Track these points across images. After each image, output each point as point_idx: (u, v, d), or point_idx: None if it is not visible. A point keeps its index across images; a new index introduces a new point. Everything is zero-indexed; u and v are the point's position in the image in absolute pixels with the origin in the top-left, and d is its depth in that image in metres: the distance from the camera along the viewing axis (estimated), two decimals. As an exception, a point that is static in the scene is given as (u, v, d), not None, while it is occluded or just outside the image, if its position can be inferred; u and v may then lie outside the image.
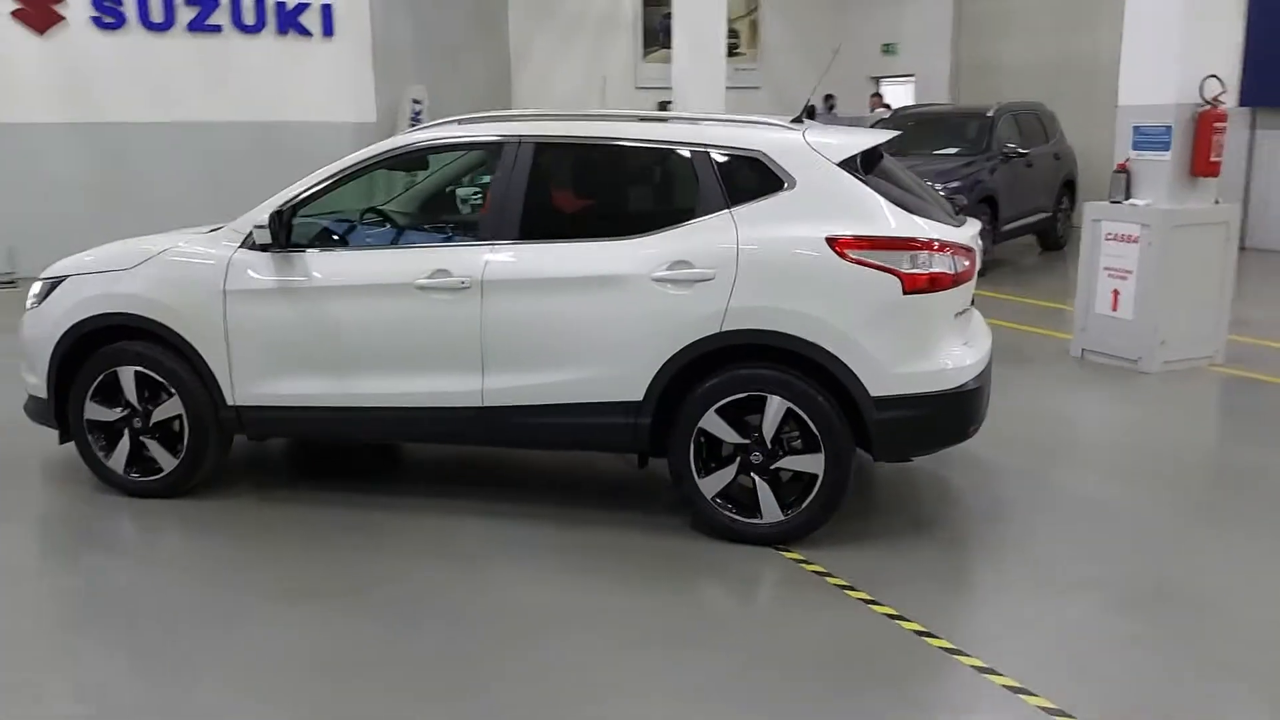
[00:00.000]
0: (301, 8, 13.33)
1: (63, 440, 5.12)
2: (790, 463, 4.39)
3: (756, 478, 4.42)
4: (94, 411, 5.01)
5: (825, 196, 4.39)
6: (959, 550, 4.54)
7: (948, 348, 4.37)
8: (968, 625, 3.88)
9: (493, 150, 4.74)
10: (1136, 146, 7.41)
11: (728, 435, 4.40)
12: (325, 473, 5.55)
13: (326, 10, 13.45)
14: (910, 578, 4.21)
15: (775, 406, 4.34)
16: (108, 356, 4.95)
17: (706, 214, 4.43)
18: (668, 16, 18.30)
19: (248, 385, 4.82)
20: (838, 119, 16.86)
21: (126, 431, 5.00)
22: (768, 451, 4.39)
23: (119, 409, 4.99)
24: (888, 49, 19.30)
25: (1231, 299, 7.61)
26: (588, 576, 4.26)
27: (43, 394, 5.05)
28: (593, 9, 18.29)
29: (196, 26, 12.90)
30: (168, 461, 4.99)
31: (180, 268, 4.85)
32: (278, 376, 4.80)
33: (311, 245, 4.83)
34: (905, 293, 4.23)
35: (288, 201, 4.78)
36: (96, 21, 12.48)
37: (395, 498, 5.05)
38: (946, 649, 3.63)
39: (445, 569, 4.32)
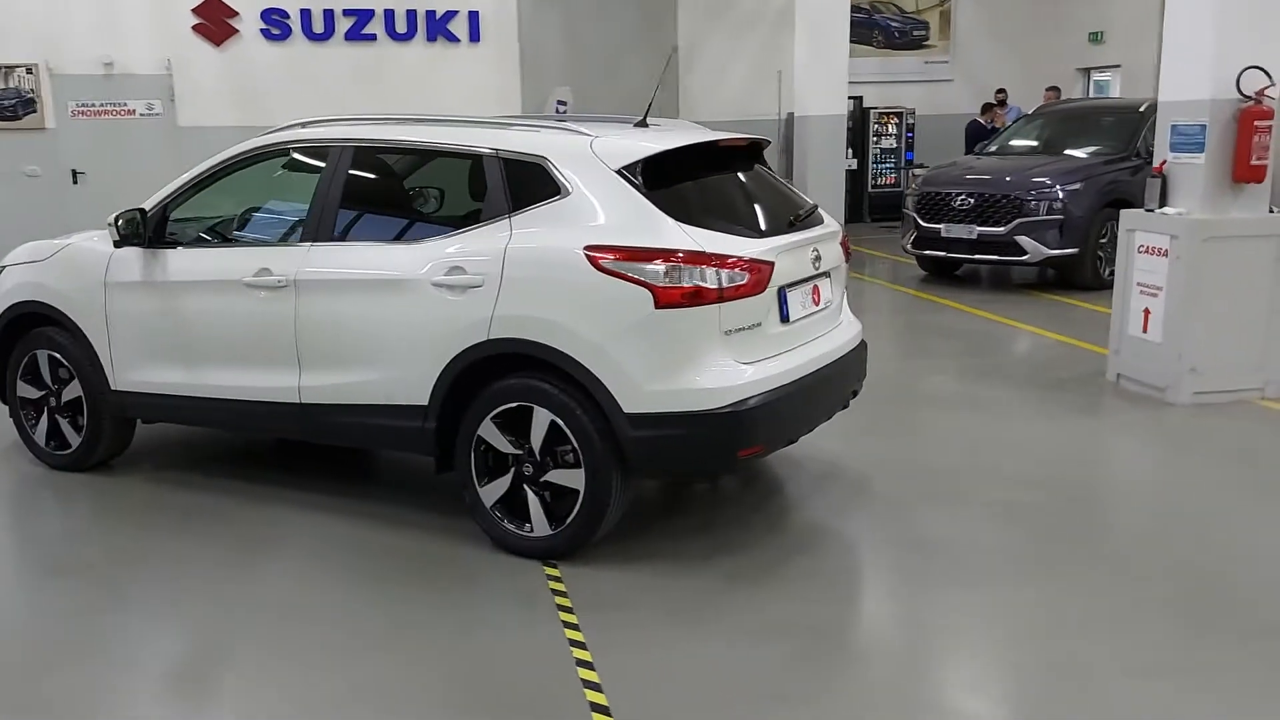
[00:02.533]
0: (450, 15, 14.03)
1: (12, 414, 5.75)
2: (556, 476, 4.28)
3: (528, 490, 4.33)
4: (23, 390, 5.61)
5: (597, 204, 4.23)
6: (724, 583, 4.22)
7: (712, 366, 4.09)
8: (635, 663, 3.62)
9: (323, 153, 4.88)
10: (1174, 148, 6.54)
11: (503, 445, 4.35)
12: (247, 461, 5.85)
13: (474, 17, 14.09)
14: (646, 605, 4.00)
15: (541, 418, 4.24)
16: (31, 340, 5.52)
17: (490, 219, 4.39)
18: (852, 10, 17.89)
19: (123, 371, 5.25)
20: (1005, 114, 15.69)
21: (46, 409, 5.55)
22: (537, 464, 4.30)
23: (40, 389, 5.54)
24: (1095, 38, 17.76)
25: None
26: (351, 574, 4.35)
27: None
28: (769, 5, 17.98)
29: (353, 36, 13.87)
30: (74, 439, 5.51)
31: (76, 261, 5.34)
32: (145, 365, 5.19)
33: (181, 244, 5.16)
34: (658, 307, 4.01)
35: (159, 203, 5.15)
36: (265, 34, 13.68)
37: (275, 488, 5.27)
38: (590, 683, 3.44)
39: (235, 556, 4.54)
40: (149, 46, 13.42)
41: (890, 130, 17.88)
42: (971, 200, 10.72)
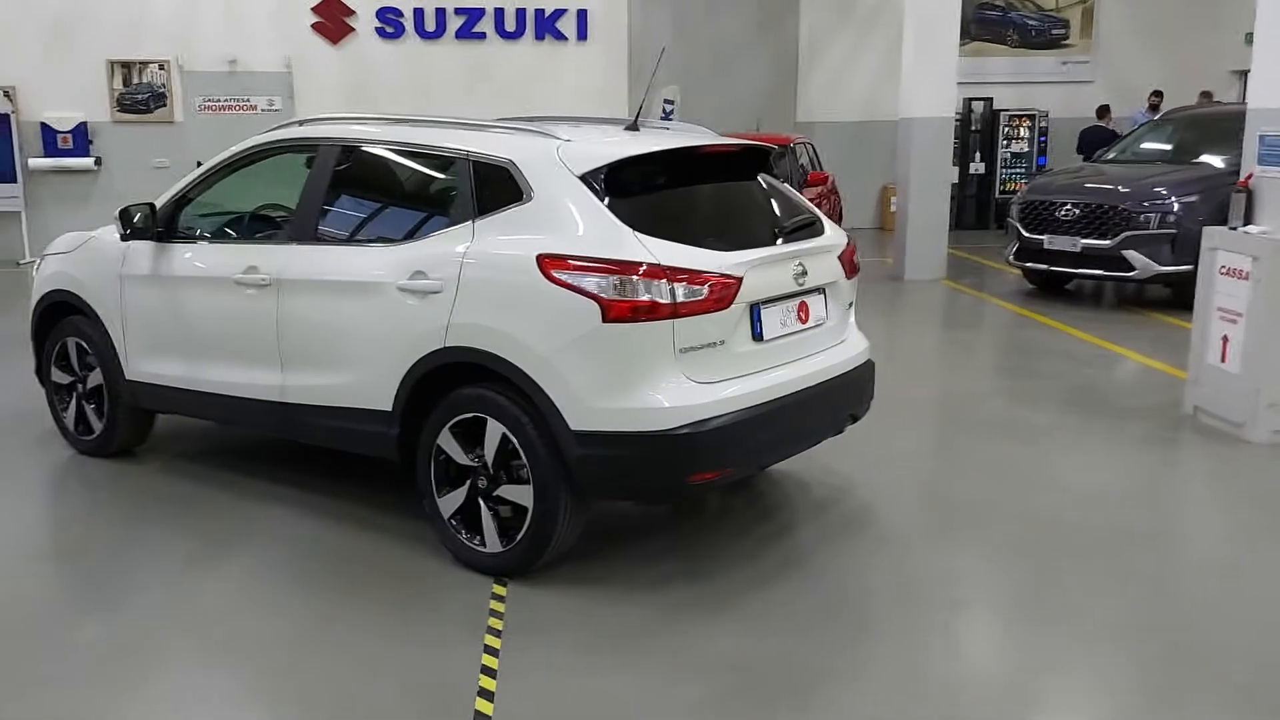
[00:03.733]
0: (558, 14, 14.06)
1: (48, 399, 5.98)
2: (507, 492, 4.14)
3: (482, 503, 4.21)
4: (56, 375, 5.82)
5: (555, 211, 4.07)
6: (673, 613, 3.99)
7: (663, 385, 3.87)
8: (536, 694, 3.43)
9: (314, 152, 4.87)
10: (1262, 160, 5.93)
11: (459, 456, 4.24)
12: (258, 454, 5.91)
13: (582, 16, 14.08)
14: (580, 631, 3.82)
15: (493, 431, 4.11)
16: (62, 329, 5.73)
17: (457, 224, 4.28)
18: (981, 6, 17.11)
19: (134, 362, 5.38)
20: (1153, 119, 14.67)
21: (74, 395, 5.75)
22: (490, 477, 4.17)
23: (69, 376, 5.75)
24: (1251, 39, 16.45)
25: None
26: (302, 575, 4.32)
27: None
28: (894, 1, 17.34)
29: (464, 34, 14.06)
30: (97, 425, 5.68)
31: (97, 253, 5.49)
32: (152, 356, 5.30)
33: (188, 239, 5.25)
34: (606, 320, 3.82)
35: (171, 197, 5.25)
36: (380, 32, 14.01)
37: (270, 484, 5.31)
38: (480, 714, 3.28)
39: (202, 549, 4.58)
40: (271, 45, 13.92)
41: (1021, 133, 17.05)
42: (1077, 210, 10.06)
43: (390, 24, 14.02)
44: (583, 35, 14.23)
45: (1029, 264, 10.65)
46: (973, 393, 7.26)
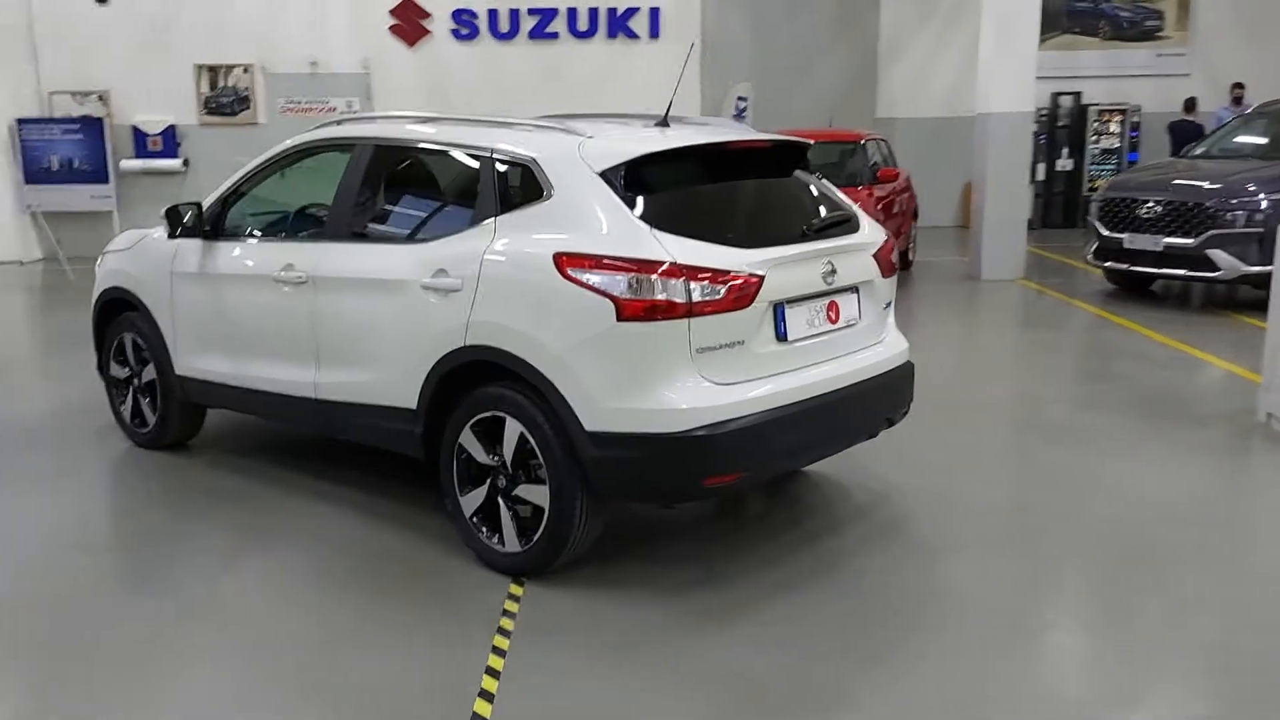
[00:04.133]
0: (630, 12, 14.05)
1: (108, 392, 6.16)
2: (525, 492, 4.12)
3: (501, 503, 4.19)
4: (114, 369, 5.99)
5: (575, 208, 4.03)
6: (688, 619, 3.90)
7: (679, 386, 3.80)
8: (536, 698, 3.39)
9: (350, 150, 4.91)
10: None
11: (480, 455, 4.23)
12: (305, 449, 5.99)
13: (654, 14, 14.05)
14: (589, 635, 3.77)
15: (512, 430, 4.09)
16: (120, 324, 5.89)
17: (479, 222, 4.27)
18: (1072, -2, 16.56)
19: (183, 357, 5.50)
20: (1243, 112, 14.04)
21: (131, 389, 5.91)
22: (510, 477, 4.15)
23: (126, 370, 5.91)
24: (1361, 26, 15.66)
25: None
26: (326, 571, 4.34)
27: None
28: (980, -5, 16.93)
29: (537, 35, 14.15)
30: (151, 419, 5.83)
31: (151, 251, 5.63)
32: (199, 352, 5.42)
33: (237, 236, 5.34)
34: (620, 319, 3.77)
35: (219, 196, 5.36)
36: (455, 34, 14.18)
37: (312, 479, 5.38)
38: (478, 716, 3.26)
39: (232, 542, 4.66)
40: (350, 47, 14.19)
41: (1112, 129, 16.49)
42: (1159, 208, 9.66)
43: (465, 25, 14.16)
44: (655, 33, 14.18)
45: (1108, 264, 10.27)
46: (1037, 396, 7.01)
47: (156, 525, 4.92)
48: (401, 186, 4.94)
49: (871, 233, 4.62)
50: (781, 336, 4.07)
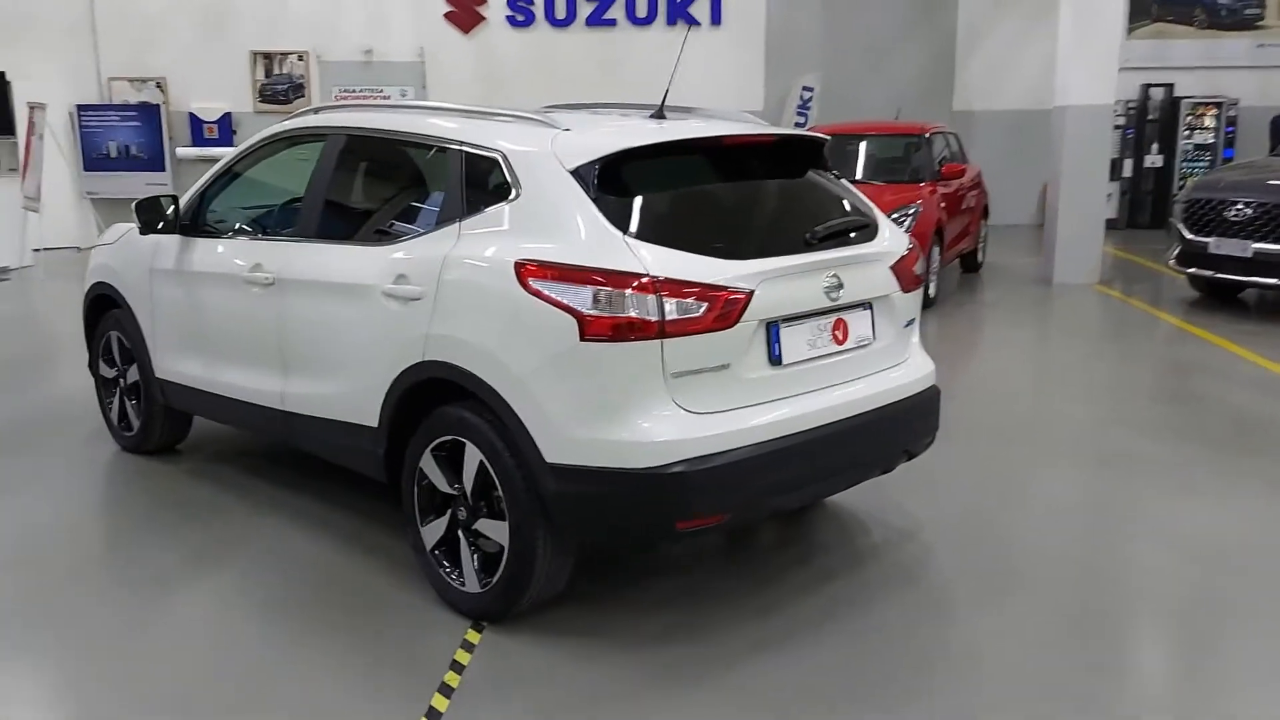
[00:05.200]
0: (691, -1, 13.51)
1: (97, 392, 5.90)
2: (484, 526, 3.68)
3: (462, 537, 3.77)
4: (103, 369, 5.72)
5: (543, 210, 3.58)
6: (652, 676, 3.42)
7: (650, 415, 3.32)
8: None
9: (319, 141, 4.53)
10: None
11: (440, 483, 3.81)
12: (291, 460, 5.63)
13: (716, 0, 13.48)
14: (539, 693, 3.32)
15: (471, 457, 3.66)
16: (107, 322, 5.61)
17: (445, 223, 3.84)
18: (1166, -15, 15.55)
19: (161, 359, 5.19)
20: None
21: (118, 390, 5.63)
22: (470, 508, 3.72)
23: (114, 370, 5.63)
24: None
25: None
26: (275, 598, 3.97)
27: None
28: (1065, -18, 16.02)
29: (594, 21, 13.72)
30: (136, 422, 5.54)
31: (132, 245, 5.32)
32: (175, 354, 5.10)
33: (216, 232, 5.00)
34: (583, 338, 3.31)
35: (197, 189, 5.03)
36: (510, 20, 13.82)
37: (292, 492, 5.04)
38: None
39: (189, 559, 4.32)
40: (405, 35, 13.93)
41: (1206, 123, 15.46)
42: (1249, 210, 8.85)
43: (521, 12, 13.80)
44: (716, 20, 13.65)
45: (1191, 270, 9.48)
46: (1095, 419, 6.35)
47: (111, 541, 4.63)
48: (370, 181, 4.54)
49: (892, 241, 4.07)
50: (775, 359, 3.56)
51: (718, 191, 3.89)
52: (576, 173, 3.54)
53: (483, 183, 3.77)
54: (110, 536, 4.65)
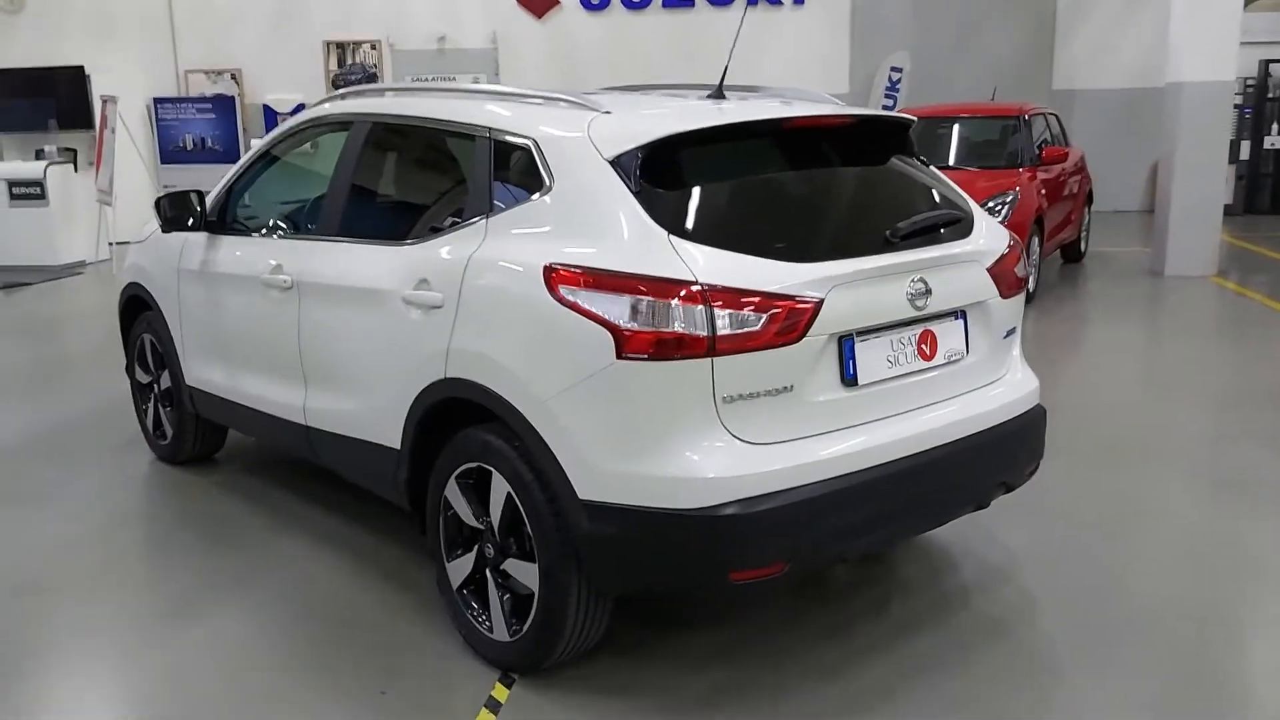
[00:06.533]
0: (773, -24, 12.91)
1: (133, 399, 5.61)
2: (512, 567, 3.22)
3: (490, 577, 3.32)
4: (138, 374, 5.42)
5: (578, 205, 3.10)
6: None
7: (697, 446, 2.82)
8: None
9: (344, 130, 4.11)
10: None
11: (466, 515, 3.36)
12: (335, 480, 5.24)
13: (798, -23, 12.87)
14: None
15: (499, 488, 3.20)
16: (140, 324, 5.31)
17: (471, 219, 3.39)
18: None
19: (190, 365, 4.86)
20: None
21: (152, 396, 5.32)
22: (497, 546, 3.27)
23: (148, 375, 5.32)
24: None
25: None
26: (280, 645, 3.58)
27: None
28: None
29: (671, 3, 13.24)
30: (170, 430, 5.23)
31: (161, 243, 4.97)
32: (203, 360, 4.76)
33: (243, 230, 4.63)
34: (620, 356, 2.82)
35: (225, 184, 4.67)
36: (585, 3, 13.41)
37: (323, 510, 4.67)
38: None
39: (204, 587, 3.95)
40: (477, 20, 13.59)
41: (1338, 101, 14.30)
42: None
43: (596, -6, 13.34)
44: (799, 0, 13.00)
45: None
46: (1216, 433, 5.65)
47: (119, 564, 4.26)
48: (393, 173, 4.12)
49: (990, 239, 3.49)
50: (849, 379, 3.03)
51: (783, 183, 3.36)
52: (616, 162, 3.05)
53: (512, 174, 3.31)
54: (118, 560, 4.30)
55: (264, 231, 4.49)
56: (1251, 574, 3.95)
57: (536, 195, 3.19)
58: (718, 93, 3.66)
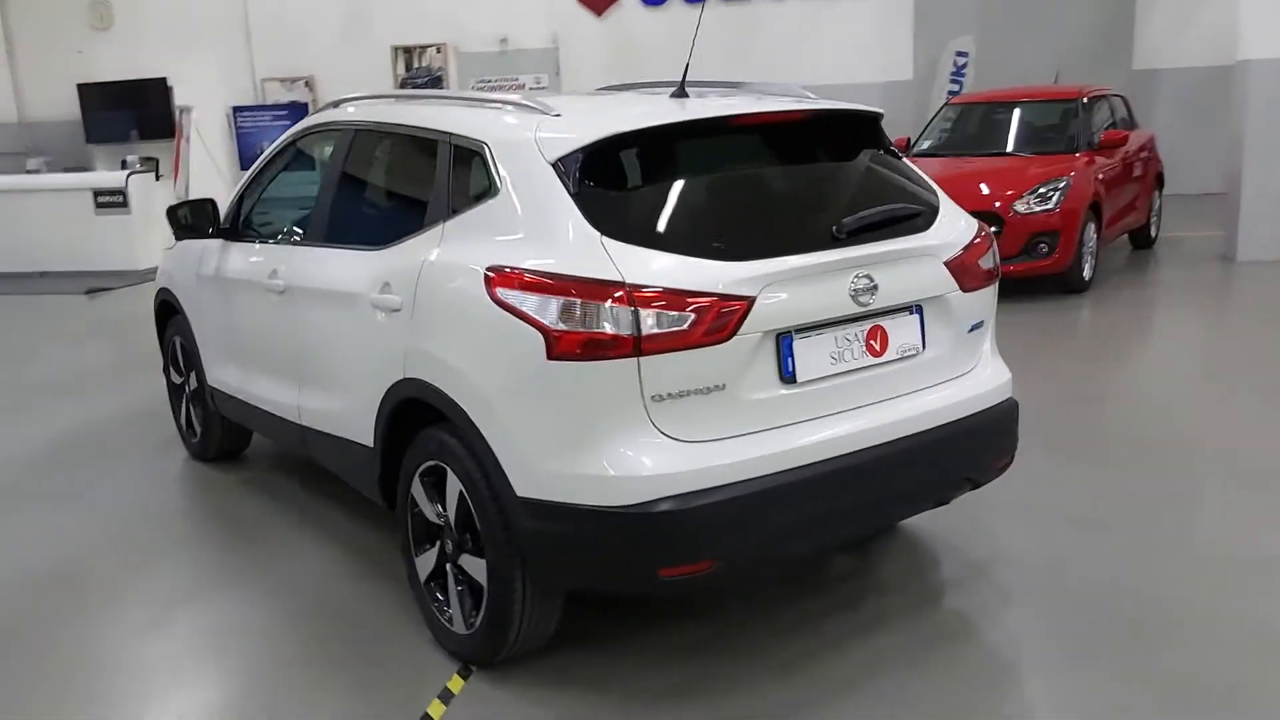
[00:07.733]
0: (832, -35, 12.76)
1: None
2: (465, 562, 3.31)
3: (449, 572, 3.41)
4: (171, 375, 5.67)
5: (521, 208, 3.17)
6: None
7: (629, 445, 2.86)
8: None
9: (332, 138, 4.25)
10: None
11: (428, 510, 3.46)
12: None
13: (859, -37, 12.70)
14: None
15: (453, 485, 3.29)
16: (171, 327, 5.55)
17: (430, 224, 3.48)
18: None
19: (210, 366, 5.06)
20: None
21: (184, 396, 5.56)
22: (455, 542, 3.36)
23: (180, 376, 5.57)
24: None
25: None
26: (273, 639, 3.72)
27: None
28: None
29: (729, -4, 13.12)
30: (199, 428, 5.46)
31: (185, 250, 5.19)
32: (220, 361, 4.96)
33: (254, 237, 4.81)
34: (551, 356, 2.87)
35: (237, 192, 4.86)
36: (644, 0, 13.37)
37: (340, 506, 4.80)
38: None
39: (207, 580, 4.14)
40: (538, 22, 13.73)
41: None
42: None
43: (654, -10, 13.36)
44: (860, -15, 12.82)
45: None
46: (1261, 431, 5.41)
47: (127, 558, 4.45)
48: (371, 179, 4.23)
49: (950, 232, 3.43)
50: (789, 377, 3.02)
51: (727, 182, 3.36)
52: (557, 164, 3.10)
53: (468, 178, 3.39)
54: (129, 554, 4.49)
55: (265, 238, 4.65)
56: (1254, 578, 3.79)
57: (488, 199, 3.26)
58: (679, 91, 3.66)
